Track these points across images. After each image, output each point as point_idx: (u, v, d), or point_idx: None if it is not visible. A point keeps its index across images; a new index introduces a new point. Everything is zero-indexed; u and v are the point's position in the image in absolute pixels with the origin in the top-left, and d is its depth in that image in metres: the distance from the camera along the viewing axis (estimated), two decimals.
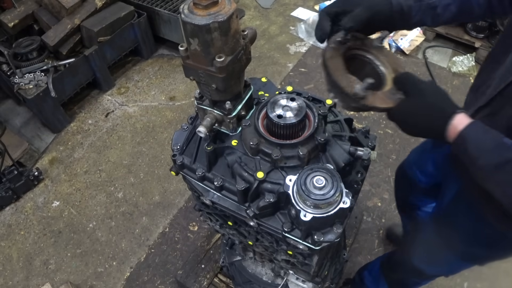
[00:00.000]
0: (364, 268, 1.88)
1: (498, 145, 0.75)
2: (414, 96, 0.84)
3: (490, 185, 0.77)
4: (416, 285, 1.59)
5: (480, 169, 0.77)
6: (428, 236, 1.35)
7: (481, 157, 0.75)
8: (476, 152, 0.76)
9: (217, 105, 1.02)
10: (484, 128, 0.78)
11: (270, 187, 0.99)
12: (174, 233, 2.33)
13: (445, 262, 1.31)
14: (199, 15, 0.80)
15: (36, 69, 2.73)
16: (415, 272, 1.46)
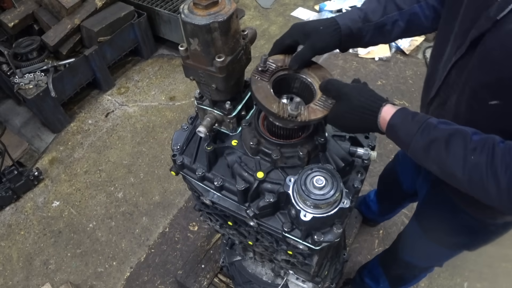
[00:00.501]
0: (364, 267, 1.88)
1: (424, 126, 0.78)
2: (343, 100, 0.87)
3: (428, 165, 0.80)
4: (414, 278, 1.61)
5: (414, 153, 0.80)
6: (412, 232, 1.40)
7: (412, 141, 0.79)
8: (406, 138, 0.80)
9: (217, 105, 1.02)
10: (410, 114, 0.81)
11: (270, 187, 0.99)
12: (174, 233, 2.32)
13: (433, 254, 1.35)
14: (199, 15, 0.80)
15: (36, 69, 2.73)
16: (408, 267, 1.50)
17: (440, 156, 0.76)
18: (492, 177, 0.70)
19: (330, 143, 1.03)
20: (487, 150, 0.71)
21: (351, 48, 1.07)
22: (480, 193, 0.74)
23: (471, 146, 0.73)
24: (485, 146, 0.72)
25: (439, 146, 0.75)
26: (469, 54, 0.85)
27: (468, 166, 0.72)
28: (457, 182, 0.77)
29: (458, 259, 2.12)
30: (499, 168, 0.69)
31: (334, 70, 3.23)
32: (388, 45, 3.35)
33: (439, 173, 0.79)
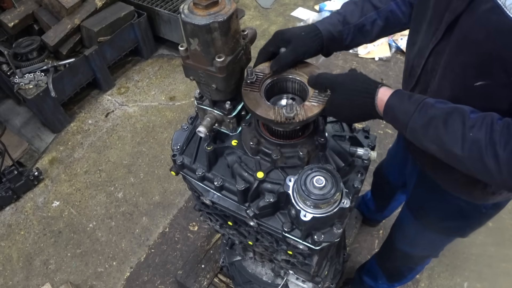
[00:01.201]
0: (362, 266, 1.89)
1: (421, 105, 0.78)
2: (338, 89, 0.88)
3: (427, 145, 0.80)
4: (411, 271, 1.61)
5: (413, 133, 0.80)
6: (405, 220, 1.40)
7: (410, 121, 0.79)
8: (404, 118, 0.80)
9: (217, 105, 1.02)
10: (407, 94, 0.82)
11: (270, 187, 0.99)
12: (174, 233, 2.33)
13: (427, 241, 1.36)
14: (199, 15, 0.80)
15: (36, 69, 2.73)
16: (404, 257, 1.50)
17: (439, 134, 0.75)
18: (492, 152, 0.69)
19: (330, 143, 1.03)
20: (485, 127, 0.71)
21: (334, 52, 1.09)
22: (480, 170, 0.73)
23: (469, 123, 0.73)
24: (483, 123, 0.71)
25: (437, 124, 0.75)
26: (445, 39, 0.85)
27: (467, 143, 0.72)
28: (457, 161, 0.76)
29: (458, 259, 2.13)
30: (498, 143, 0.69)
31: (334, 70, 3.23)
32: (388, 45, 3.35)
33: (438, 152, 0.78)
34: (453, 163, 0.78)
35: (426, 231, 1.30)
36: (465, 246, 2.18)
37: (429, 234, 1.30)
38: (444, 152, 0.77)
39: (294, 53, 0.97)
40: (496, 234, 2.22)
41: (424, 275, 2.07)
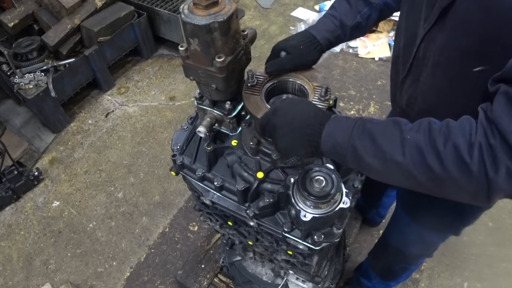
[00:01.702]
0: (359, 267, 1.89)
1: (359, 123, 0.75)
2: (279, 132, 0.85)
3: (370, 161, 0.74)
4: (404, 270, 1.60)
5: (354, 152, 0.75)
6: (398, 216, 1.39)
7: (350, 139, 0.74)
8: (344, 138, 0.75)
9: (217, 105, 1.02)
10: (343, 117, 0.79)
11: (270, 187, 0.99)
12: (174, 233, 2.32)
13: (420, 238, 1.34)
14: (199, 15, 0.80)
15: (36, 69, 2.73)
16: (397, 255, 1.48)
17: (378, 145, 0.72)
18: (433, 151, 0.66)
19: None
20: (423, 129, 0.69)
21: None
22: (426, 175, 0.68)
23: (406, 128, 0.70)
24: (421, 126, 0.69)
25: (376, 137, 0.72)
26: (438, 24, 0.83)
27: (407, 148, 0.68)
28: (402, 171, 0.71)
29: (458, 259, 2.13)
30: (438, 141, 0.66)
31: (334, 70, 3.23)
32: (388, 45, 3.35)
33: (381, 166, 0.73)
34: (399, 177, 0.73)
35: (419, 228, 1.29)
36: (465, 246, 2.18)
37: (423, 231, 1.29)
38: (387, 164, 0.72)
39: (291, 63, 0.97)
40: (496, 234, 2.22)
41: (424, 275, 2.07)
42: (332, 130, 0.77)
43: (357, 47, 3.39)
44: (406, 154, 0.68)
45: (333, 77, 3.16)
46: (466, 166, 0.63)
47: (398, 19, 1.07)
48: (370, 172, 0.77)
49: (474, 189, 0.65)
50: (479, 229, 2.24)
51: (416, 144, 0.68)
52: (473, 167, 0.63)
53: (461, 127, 0.66)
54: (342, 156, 0.77)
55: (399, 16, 1.06)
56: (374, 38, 3.43)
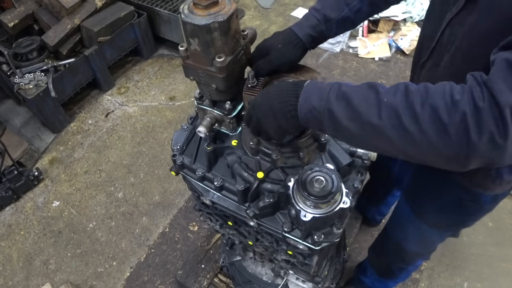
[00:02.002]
0: (359, 265, 1.89)
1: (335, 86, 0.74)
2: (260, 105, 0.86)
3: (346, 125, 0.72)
4: (400, 271, 1.60)
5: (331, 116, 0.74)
6: (401, 210, 1.38)
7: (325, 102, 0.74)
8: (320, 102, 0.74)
9: (217, 105, 1.02)
10: (319, 82, 0.79)
11: (270, 187, 0.99)
12: (174, 233, 2.32)
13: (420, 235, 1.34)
14: (199, 15, 0.80)
15: (36, 69, 2.73)
16: (396, 250, 1.48)
17: (354, 107, 0.70)
18: (410, 113, 0.64)
19: (330, 143, 1.03)
20: (400, 92, 0.67)
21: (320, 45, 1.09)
22: (403, 138, 0.66)
23: (382, 90, 0.69)
24: (397, 89, 0.68)
25: (352, 99, 0.71)
26: (467, 9, 0.82)
27: (383, 110, 0.67)
28: (377, 135, 0.69)
29: (458, 259, 2.13)
30: (415, 103, 0.64)
31: (334, 70, 3.23)
32: (388, 45, 3.35)
33: (357, 130, 0.71)
34: (375, 141, 0.72)
35: (421, 224, 1.28)
36: (465, 246, 2.18)
37: (424, 227, 1.29)
38: (364, 127, 0.70)
39: (269, 65, 0.97)
40: (496, 234, 2.22)
41: (424, 275, 2.07)
42: (308, 95, 0.77)
43: (357, 47, 3.39)
44: (383, 116, 0.67)
45: (333, 77, 3.16)
46: (444, 128, 0.62)
47: (428, 6, 1.06)
48: (348, 138, 0.76)
49: (451, 152, 0.64)
50: (479, 229, 2.24)
51: (393, 106, 0.66)
52: (451, 129, 0.61)
53: (441, 89, 0.65)
54: (319, 122, 0.76)
55: (429, 4, 1.05)
56: (374, 38, 3.43)
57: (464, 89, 0.63)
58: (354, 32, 3.47)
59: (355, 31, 3.48)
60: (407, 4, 3.48)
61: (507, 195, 1.12)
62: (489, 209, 1.14)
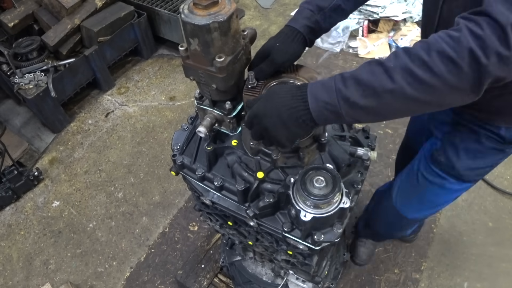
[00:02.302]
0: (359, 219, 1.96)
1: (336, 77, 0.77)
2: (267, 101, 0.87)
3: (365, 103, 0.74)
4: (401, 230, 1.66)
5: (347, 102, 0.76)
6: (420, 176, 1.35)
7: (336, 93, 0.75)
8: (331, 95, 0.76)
9: (217, 105, 1.02)
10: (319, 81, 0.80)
11: (270, 187, 0.99)
12: (174, 233, 2.32)
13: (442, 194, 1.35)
14: (199, 15, 0.80)
15: (36, 69, 2.73)
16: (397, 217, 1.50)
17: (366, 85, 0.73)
18: (419, 65, 0.68)
19: (330, 143, 1.03)
20: (401, 53, 0.71)
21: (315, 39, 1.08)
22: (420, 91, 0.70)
23: (384, 60, 0.73)
24: (397, 53, 0.72)
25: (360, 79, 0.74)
26: None
27: (394, 73, 0.70)
28: (397, 97, 0.72)
29: (458, 259, 2.13)
30: (421, 53, 0.69)
31: (334, 70, 3.23)
32: (388, 45, 3.35)
33: (377, 102, 0.73)
34: (396, 105, 0.74)
35: (444, 182, 1.27)
36: (465, 246, 2.18)
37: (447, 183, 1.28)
38: (382, 97, 0.73)
39: (271, 66, 0.97)
40: (496, 234, 2.22)
41: (424, 275, 2.07)
42: (315, 94, 0.78)
43: (357, 47, 3.39)
44: (396, 79, 0.70)
45: None
46: (455, 64, 0.66)
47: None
48: (370, 115, 0.77)
49: (468, 83, 0.68)
50: (479, 229, 2.24)
51: (401, 66, 0.70)
52: (462, 62, 0.66)
53: (438, 36, 0.69)
54: (336, 114, 0.77)
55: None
56: (374, 38, 3.43)
57: (459, 28, 0.68)
58: (354, 32, 3.47)
59: (355, 31, 3.48)
60: (407, 4, 3.48)
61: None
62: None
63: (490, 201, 2.36)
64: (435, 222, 2.25)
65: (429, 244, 2.17)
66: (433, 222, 2.24)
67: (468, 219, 2.28)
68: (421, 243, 2.17)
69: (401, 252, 2.14)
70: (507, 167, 2.52)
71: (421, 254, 2.13)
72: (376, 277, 2.06)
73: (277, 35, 1.02)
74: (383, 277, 2.06)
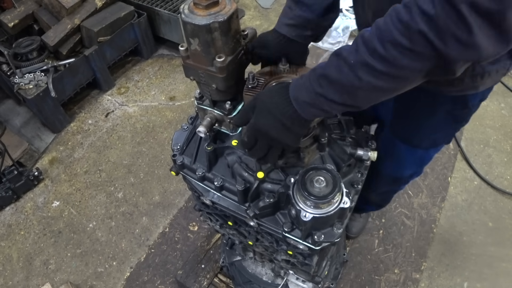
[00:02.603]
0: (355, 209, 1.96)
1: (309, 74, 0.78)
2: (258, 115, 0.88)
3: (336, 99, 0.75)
4: (395, 192, 1.66)
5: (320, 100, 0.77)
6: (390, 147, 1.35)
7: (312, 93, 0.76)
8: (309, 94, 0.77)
9: (217, 105, 1.02)
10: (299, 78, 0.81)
11: (270, 187, 0.99)
12: (174, 233, 2.33)
13: (416, 158, 1.36)
14: (199, 15, 0.80)
15: (36, 69, 2.73)
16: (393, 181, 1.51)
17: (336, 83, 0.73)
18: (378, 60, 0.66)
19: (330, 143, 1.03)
20: (359, 44, 0.69)
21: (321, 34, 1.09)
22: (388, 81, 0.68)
23: (347, 53, 0.71)
24: (357, 44, 0.69)
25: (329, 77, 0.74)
26: None
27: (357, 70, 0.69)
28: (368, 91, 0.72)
29: (458, 259, 2.13)
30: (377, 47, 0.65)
31: None
32: None
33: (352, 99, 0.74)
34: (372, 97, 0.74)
35: (417, 150, 1.30)
36: (465, 246, 2.18)
37: (420, 152, 1.31)
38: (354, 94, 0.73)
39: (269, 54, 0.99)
40: (496, 234, 2.22)
41: (424, 275, 2.07)
42: (296, 97, 0.80)
43: None
44: (360, 75, 0.69)
45: None
46: (412, 52, 0.62)
47: None
48: (353, 107, 0.77)
49: (432, 65, 0.63)
50: (479, 229, 2.24)
51: (362, 63, 0.68)
52: (418, 49, 0.61)
53: (388, 20, 0.64)
54: (321, 110, 0.79)
55: None
56: None
57: (408, 6, 0.61)
58: (354, 32, 3.47)
59: (355, 31, 3.48)
60: None
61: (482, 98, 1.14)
62: (476, 109, 1.16)
63: (490, 201, 2.36)
64: (435, 222, 2.25)
65: (429, 244, 2.17)
66: (433, 222, 2.24)
67: (468, 219, 2.28)
68: (421, 243, 2.17)
69: (401, 252, 2.14)
70: (507, 167, 2.52)
71: (421, 254, 2.13)
72: (376, 277, 2.06)
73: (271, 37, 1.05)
74: (383, 277, 2.06)
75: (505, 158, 2.58)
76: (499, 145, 2.65)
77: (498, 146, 2.65)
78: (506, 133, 2.72)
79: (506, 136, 2.70)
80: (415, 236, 2.20)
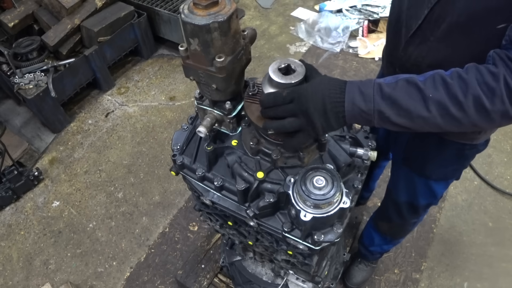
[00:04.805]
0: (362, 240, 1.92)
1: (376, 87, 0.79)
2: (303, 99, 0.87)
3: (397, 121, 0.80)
4: (414, 224, 1.64)
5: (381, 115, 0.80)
6: (403, 176, 1.41)
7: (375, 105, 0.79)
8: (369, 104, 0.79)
9: (217, 105, 1.02)
10: (357, 82, 0.82)
11: (270, 187, 0.99)
12: (174, 233, 2.33)
13: (428, 189, 1.39)
14: (199, 15, 0.80)
15: (36, 69, 2.73)
16: (410, 209, 1.51)
17: (402, 106, 0.77)
18: (455, 104, 0.75)
19: (330, 143, 1.03)
20: (440, 84, 0.76)
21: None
22: (449, 122, 0.77)
23: (422, 84, 0.77)
24: (436, 82, 0.76)
25: (398, 99, 0.78)
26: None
27: (430, 104, 0.76)
28: (428, 123, 0.79)
29: (458, 259, 2.13)
30: (458, 93, 0.74)
31: (334, 70, 3.23)
32: None
33: (409, 124, 0.80)
34: (425, 127, 0.80)
35: (427, 181, 1.34)
36: (465, 246, 2.18)
37: (431, 183, 1.35)
38: (414, 121, 0.79)
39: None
40: (496, 234, 2.22)
41: (424, 275, 2.07)
42: (353, 101, 0.80)
43: (357, 47, 3.39)
44: (431, 109, 0.76)
45: None
46: (488, 113, 0.74)
47: None
48: (396, 127, 0.82)
49: (492, 127, 0.77)
50: (479, 229, 2.24)
51: (439, 100, 0.76)
52: (494, 114, 0.74)
53: (474, 77, 0.74)
54: (367, 121, 0.82)
55: None
56: (374, 38, 3.43)
57: (497, 75, 0.73)
58: (354, 32, 3.47)
59: (355, 31, 3.48)
60: None
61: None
62: (484, 148, 1.24)
63: (490, 201, 2.36)
64: (435, 222, 2.25)
65: (429, 244, 2.17)
66: (433, 222, 2.24)
67: (468, 219, 2.28)
68: (421, 243, 2.17)
69: (401, 252, 2.14)
70: (507, 167, 2.52)
71: (421, 254, 2.13)
72: (376, 277, 2.07)
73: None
74: (383, 277, 2.06)
75: (505, 158, 2.58)
76: (499, 145, 2.65)
77: (498, 146, 2.65)
78: (506, 133, 2.72)
79: (506, 136, 2.70)
80: (415, 236, 2.20)
